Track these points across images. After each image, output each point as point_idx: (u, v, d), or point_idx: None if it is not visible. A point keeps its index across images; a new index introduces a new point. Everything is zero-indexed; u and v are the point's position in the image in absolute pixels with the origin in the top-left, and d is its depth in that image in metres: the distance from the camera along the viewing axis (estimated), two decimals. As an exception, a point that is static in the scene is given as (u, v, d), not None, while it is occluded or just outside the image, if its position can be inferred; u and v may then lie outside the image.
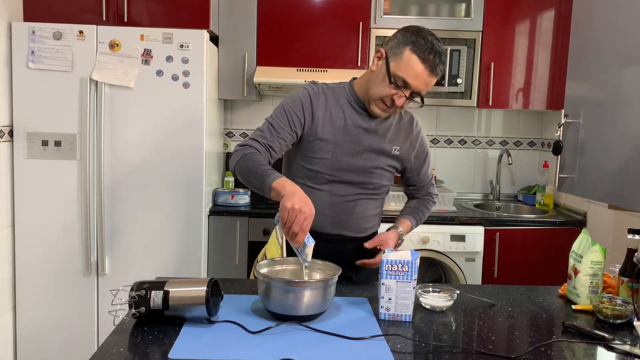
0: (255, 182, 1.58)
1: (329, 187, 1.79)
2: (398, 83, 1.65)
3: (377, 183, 1.83)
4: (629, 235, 1.66)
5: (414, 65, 1.62)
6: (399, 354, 1.29)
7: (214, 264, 3.01)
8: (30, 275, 2.83)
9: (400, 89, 1.65)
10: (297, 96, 1.75)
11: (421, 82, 1.64)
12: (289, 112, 1.72)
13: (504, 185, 3.72)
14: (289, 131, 1.72)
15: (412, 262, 1.48)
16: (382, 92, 1.68)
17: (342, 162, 1.77)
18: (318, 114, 1.74)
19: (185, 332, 1.36)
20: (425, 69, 1.62)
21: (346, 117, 1.76)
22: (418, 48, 1.62)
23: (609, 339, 1.39)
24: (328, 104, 1.76)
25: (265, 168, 1.58)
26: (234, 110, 3.62)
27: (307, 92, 1.76)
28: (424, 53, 1.62)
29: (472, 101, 3.29)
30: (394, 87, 1.65)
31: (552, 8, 3.26)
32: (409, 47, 1.63)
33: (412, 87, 1.64)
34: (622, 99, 1.61)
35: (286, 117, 1.72)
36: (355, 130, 1.76)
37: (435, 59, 1.63)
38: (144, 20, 2.89)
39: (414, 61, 1.62)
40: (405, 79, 1.63)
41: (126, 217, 2.84)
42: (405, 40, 1.64)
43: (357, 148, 1.77)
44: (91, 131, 2.78)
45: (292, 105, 1.74)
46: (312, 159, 1.77)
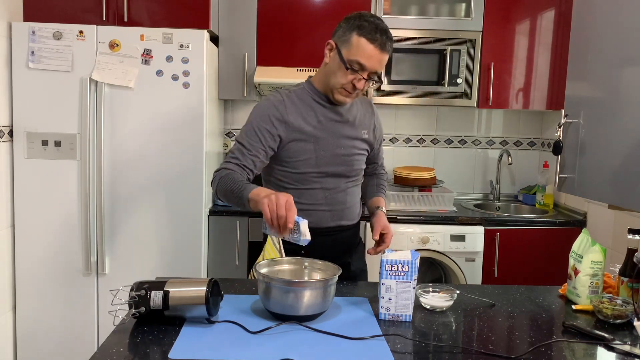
0: (235, 200, 1.64)
1: (320, 184, 1.85)
2: (354, 67, 1.71)
3: (358, 169, 1.93)
4: (629, 235, 1.66)
5: (364, 47, 1.69)
6: (399, 354, 1.29)
7: (214, 264, 3.01)
8: (30, 275, 2.83)
9: (357, 72, 1.72)
10: (264, 110, 1.78)
11: (375, 61, 1.71)
12: (259, 129, 1.76)
13: (504, 185, 3.71)
14: (262, 147, 1.76)
15: (412, 262, 1.48)
16: (341, 80, 1.74)
17: (325, 157, 1.83)
18: (290, 119, 1.78)
19: (185, 332, 1.36)
20: (375, 48, 1.69)
21: (317, 114, 1.82)
22: (364, 31, 1.69)
23: (609, 339, 1.39)
24: (296, 106, 1.81)
25: (241, 184, 1.63)
26: (234, 110, 3.62)
27: (272, 102, 1.80)
28: (370, 34, 1.69)
29: (472, 101, 3.29)
30: (351, 73, 1.72)
31: (552, 8, 3.26)
32: (355, 32, 1.70)
33: (368, 68, 1.71)
34: (622, 99, 1.61)
35: (256, 134, 1.76)
36: (329, 123, 1.83)
37: (382, 37, 1.70)
38: (144, 20, 2.89)
39: (364, 43, 1.69)
40: (359, 61, 1.70)
41: (126, 217, 2.84)
42: (350, 27, 1.72)
43: (335, 140, 1.84)
44: (91, 131, 2.78)
45: (261, 121, 1.77)
46: (297, 162, 1.82)
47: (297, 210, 1.57)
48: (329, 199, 1.87)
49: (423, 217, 3.06)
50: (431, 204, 3.21)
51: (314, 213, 1.82)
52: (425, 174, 3.26)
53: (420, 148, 3.68)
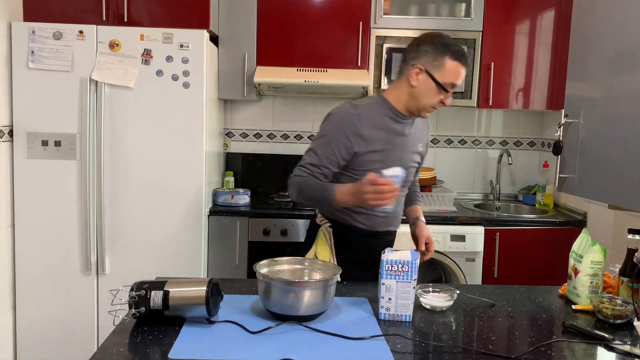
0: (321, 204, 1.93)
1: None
2: (448, 89, 1.85)
3: (409, 180, 2.06)
4: (629, 235, 1.66)
5: (457, 70, 1.84)
6: (399, 354, 1.29)
7: (214, 264, 3.01)
8: (30, 275, 2.83)
9: (448, 92, 1.87)
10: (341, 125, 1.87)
11: (462, 79, 1.89)
12: (335, 143, 1.85)
13: (504, 185, 3.71)
14: (335, 160, 1.86)
15: (412, 262, 1.48)
16: (433, 101, 1.87)
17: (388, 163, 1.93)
18: (364, 132, 1.86)
19: (185, 332, 1.36)
20: (463, 68, 1.85)
21: (388, 129, 1.92)
22: (453, 54, 1.82)
23: (609, 339, 1.39)
24: (370, 121, 1.89)
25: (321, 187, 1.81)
26: (234, 110, 3.62)
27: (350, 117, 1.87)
28: (460, 58, 1.83)
29: (472, 101, 3.29)
30: (443, 92, 1.86)
31: (552, 8, 3.26)
32: (447, 56, 1.82)
33: (458, 85, 1.88)
34: (622, 99, 1.61)
35: (331, 147, 1.85)
36: (396, 138, 1.94)
37: (464, 58, 1.85)
38: (144, 20, 2.89)
39: (456, 66, 1.83)
40: (454, 82, 1.85)
41: (126, 217, 2.84)
42: (440, 51, 1.83)
43: (399, 153, 1.96)
44: (91, 131, 2.78)
45: (336, 134, 1.86)
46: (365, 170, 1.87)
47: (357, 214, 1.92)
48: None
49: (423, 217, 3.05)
50: (431, 204, 3.21)
51: (371, 217, 1.95)
52: (426, 174, 3.26)
53: (420, 148, 3.68)
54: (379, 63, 3.23)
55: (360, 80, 3.12)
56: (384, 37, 3.22)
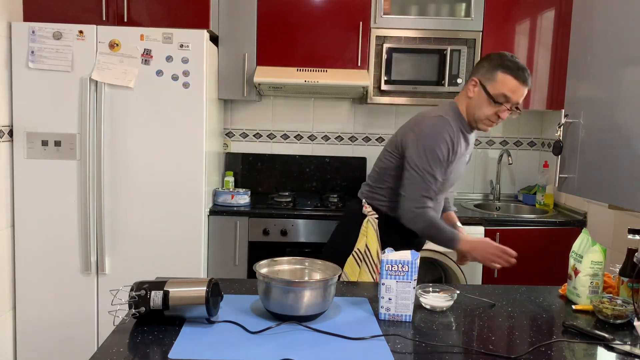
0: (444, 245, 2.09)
1: (440, 198, 2.15)
2: (499, 100, 1.97)
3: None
4: (629, 235, 1.66)
5: (509, 82, 1.95)
6: (399, 354, 1.29)
7: (214, 264, 3.01)
8: (30, 275, 2.83)
9: (501, 104, 1.97)
10: (444, 138, 2.01)
11: (519, 94, 1.97)
12: (442, 157, 2.01)
13: (504, 185, 3.71)
14: (445, 172, 2.04)
15: (412, 262, 1.48)
16: (487, 112, 2.01)
17: (451, 179, 2.11)
18: (455, 147, 2.04)
19: (185, 332, 1.36)
20: (518, 83, 1.95)
21: (461, 142, 2.08)
22: (507, 68, 1.95)
23: (609, 339, 1.39)
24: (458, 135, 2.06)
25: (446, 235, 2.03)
26: (234, 110, 3.62)
27: (448, 132, 2.02)
28: (514, 72, 1.94)
29: (472, 101, 3.29)
30: (496, 105, 1.98)
31: (552, 8, 3.26)
32: (500, 70, 1.96)
33: (512, 100, 1.97)
34: (622, 99, 1.61)
35: (440, 162, 2.01)
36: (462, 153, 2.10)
37: (524, 74, 1.95)
38: (144, 20, 2.89)
39: (509, 79, 1.95)
40: (505, 94, 1.96)
41: (126, 217, 2.84)
42: (494, 66, 1.97)
43: (460, 167, 2.13)
44: (91, 131, 2.78)
45: (443, 150, 2.01)
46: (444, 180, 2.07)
47: None
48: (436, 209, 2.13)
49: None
50: (431, 204, 3.20)
51: None
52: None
53: (420, 148, 3.67)
54: (379, 63, 3.23)
55: (360, 80, 3.12)
56: (384, 37, 3.22)
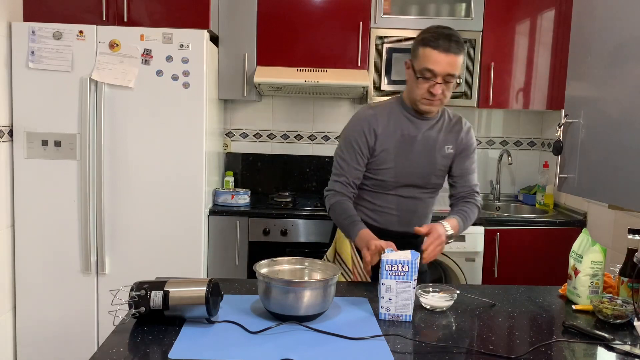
0: (343, 229, 1.93)
1: (395, 191, 2.00)
2: (426, 75, 1.83)
3: (435, 183, 2.04)
4: (629, 235, 1.66)
5: (429, 54, 1.81)
6: (399, 354, 1.29)
7: (214, 264, 3.01)
8: (30, 275, 2.83)
9: (429, 79, 1.83)
10: (358, 125, 1.96)
11: (444, 64, 1.80)
12: (355, 142, 1.94)
13: (504, 185, 3.71)
14: (360, 160, 1.95)
15: (412, 262, 1.48)
16: (419, 90, 1.86)
17: (404, 169, 1.97)
18: (379, 131, 1.94)
19: (185, 332, 1.36)
20: (439, 52, 1.80)
21: (402, 129, 1.96)
22: (426, 41, 1.83)
23: (609, 339, 1.39)
24: (384, 120, 1.95)
25: (349, 222, 1.88)
26: (234, 110, 3.62)
27: (365, 117, 1.96)
28: (431, 42, 1.81)
29: (472, 101, 3.29)
30: (424, 81, 1.84)
31: (552, 8, 3.26)
32: (420, 44, 1.85)
33: (439, 72, 1.81)
34: (622, 99, 1.61)
35: (354, 148, 1.94)
36: (411, 138, 1.96)
37: (444, 42, 1.80)
38: (144, 20, 2.89)
39: (428, 51, 1.82)
40: (426, 67, 1.81)
41: (126, 217, 2.84)
42: (417, 42, 1.88)
43: (415, 154, 1.96)
44: (91, 131, 2.78)
45: (356, 135, 1.95)
46: (378, 170, 1.97)
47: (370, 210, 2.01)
48: (401, 205, 2.01)
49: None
50: (431, 204, 3.20)
51: (384, 215, 2.01)
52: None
53: (420, 148, 3.68)
54: (379, 63, 3.22)
55: (360, 80, 3.12)
56: (384, 37, 3.22)
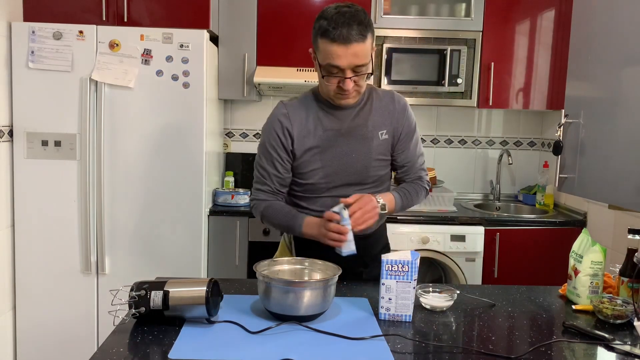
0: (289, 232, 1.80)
1: (330, 192, 1.78)
2: (332, 71, 1.61)
3: (375, 175, 1.80)
4: (629, 235, 1.66)
5: (328, 49, 1.57)
6: (399, 354, 1.29)
7: (214, 264, 3.01)
8: (30, 275, 2.83)
9: (336, 75, 1.61)
10: (271, 127, 1.77)
11: (349, 57, 1.57)
12: (272, 147, 1.75)
13: (504, 185, 3.71)
14: (280, 163, 1.75)
15: (412, 262, 1.48)
16: (329, 87, 1.66)
17: (333, 167, 1.76)
18: (294, 132, 1.74)
19: (185, 332, 1.36)
20: (339, 45, 1.56)
21: (323, 123, 1.75)
22: (324, 31, 1.57)
23: (609, 339, 1.39)
24: (299, 117, 1.75)
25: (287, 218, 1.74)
26: (234, 110, 3.62)
27: (276, 117, 1.77)
28: (329, 34, 1.56)
29: (472, 101, 3.29)
30: (331, 77, 1.62)
31: (552, 8, 3.26)
32: (319, 35, 1.59)
33: (344, 67, 1.58)
34: (622, 99, 1.61)
35: (270, 154, 1.75)
36: (334, 132, 1.75)
37: (343, 30, 1.54)
38: (144, 20, 2.89)
39: (327, 45, 1.57)
40: (331, 64, 1.59)
41: (126, 217, 2.84)
42: (315, 31, 1.62)
43: (342, 149, 1.75)
44: (91, 131, 2.78)
45: (270, 138, 1.76)
46: (305, 173, 1.77)
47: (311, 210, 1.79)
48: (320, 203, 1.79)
49: (423, 217, 3.06)
50: (431, 204, 3.20)
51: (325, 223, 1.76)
52: (425, 174, 3.26)
53: (420, 148, 3.68)
54: (379, 63, 3.22)
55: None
56: (384, 37, 3.22)
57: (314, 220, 1.69)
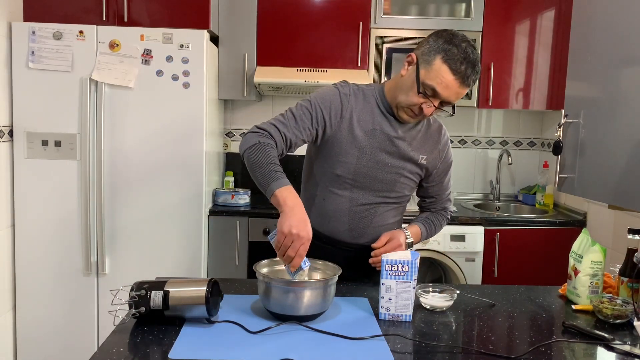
0: (259, 179, 1.52)
1: (350, 193, 1.74)
2: (427, 92, 1.59)
3: (400, 192, 1.78)
4: (629, 235, 1.66)
5: (444, 75, 1.55)
6: (399, 354, 1.29)
7: (214, 264, 3.01)
8: (30, 275, 2.83)
9: (428, 98, 1.59)
10: (327, 94, 1.69)
11: (452, 93, 1.58)
12: (315, 108, 1.66)
13: (504, 185, 3.71)
14: (310, 127, 1.66)
15: (412, 262, 1.48)
16: (410, 100, 1.62)
17: (366, 168, 1.71)
18: (346, 115, 1.68)
19: (185, 332, 1.36)
20: (455, 80, 1.55)
21: (374, 122, 1.70)
22: (450, 57, 1.55)
23: (609, 339, 1.39)
24: (357, 105, 1.70)
25: (273, 168, 1.51)
26: (234, 110, 3.62)
27: (338, 91, 1.70)
28: (455, 63, 1.55)
29: (472, 101, 3.29)
30: (422, 97, 1.60)
31: (552, 8, 3.26)
32: (441, 55, 1.56)
33: (442, 97, 1.58)
34: (622, 99, 1.61)
35: (310, 111, 1.66)
36: (382, 136, 1.70)
37: (467, 70, 1.55)
38: (144, 20, 2.89)
39: (445, 71, 1.55)
40: (434, 88, 1.57)
41: (126, 217, 2.84)
42: (438, 48, 1.57)
43: (382, 155, 1.71)
44: (91, 131, 2.78)
45: (320, 102, 1.67)
46: (337, 162, 1.71)
47: (318, 215, 1.73)
48: (354, 214, 1.75)
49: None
50: (431, 204, 3.20)
51: (332, 222, 1.75)
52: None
53: (420, 148, 3.68)
54: (378, 63, 3.23)
55: (360, 80, 3.10)
56: (384, 37, 3.22)
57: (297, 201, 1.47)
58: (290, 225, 1.41)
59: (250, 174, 1.57)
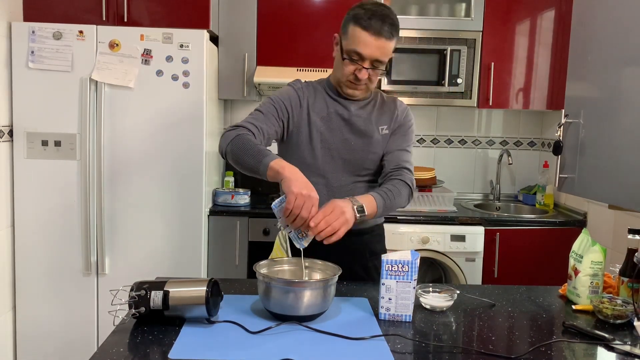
0: (250, 162, 1.57)
1: (324, 180, 1.80)
2: (353, 57, 1.68)
3: (372, 168, 1.84)
4: (629, 235, 1.66)
5: (358, 35, 1.66)
6: (399, 354, 1.29)
7: (214, 264, 3.01)
8: (30, 275, 2.83)
9: (356, 62, 1.69)
10: (284, 90, 1.83)
11: (373, 49, 1.66)
12: (278, 102, 1.78)
13: (504, 185, 3.71)
14: (277, 118, 1.77)
15: (412, 262, 1.48)
16: (344, 72, 1.72)
17: (332, 151, 1.80)
18: (304, 104, 1.80)
19: (185, 332, 1.36)
20: (370, 34, 1.64)
21: (328, 107, 1.81)
22: (358, 19, 1.66)
23: (609, 339, 1.39)
24: (310, 96, 1.82)
25: (261, 148, 1.59)
26: (234, 110, 3.62)
27: (293, 87, 1.85)
28: (365, 21, 1.65)
29: (472, 101, 3.29)
30: (350, 63, 1.69)
31: (552, 8, 3.26)
32: (351, 21, 1.68)
33: (366, 56, 1.67)
34: (622, 99, 1.61)
35: (274, 106, 1.78)
36: (337, 118, 1.81)
37: (376, 23, 1.64)
38: (144, 20, 2.89)
39: (358, 31, 1.66)
40: (356, 50, 1.67)
41: (126, 217, 2.84)
42: (348, 17, 1.70)
43: (345, 135, 1.80)
44: (91, 131, 2.78)
45: (280, 97, 1.80)
46: (304, 150, 1.80)
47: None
48: (332, 196, 1.70)
49: (423, 217, 3.06)
50: (431, 204, 3.21)
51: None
52: (426, 174, 3.26)
53: (420, 148, 3.68)
54: (379, 63, 3.22)
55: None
56: (384, 37, 3.21)
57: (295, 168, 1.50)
58: (300, 187, 1.45)
59: (239, 165, 1.63)
